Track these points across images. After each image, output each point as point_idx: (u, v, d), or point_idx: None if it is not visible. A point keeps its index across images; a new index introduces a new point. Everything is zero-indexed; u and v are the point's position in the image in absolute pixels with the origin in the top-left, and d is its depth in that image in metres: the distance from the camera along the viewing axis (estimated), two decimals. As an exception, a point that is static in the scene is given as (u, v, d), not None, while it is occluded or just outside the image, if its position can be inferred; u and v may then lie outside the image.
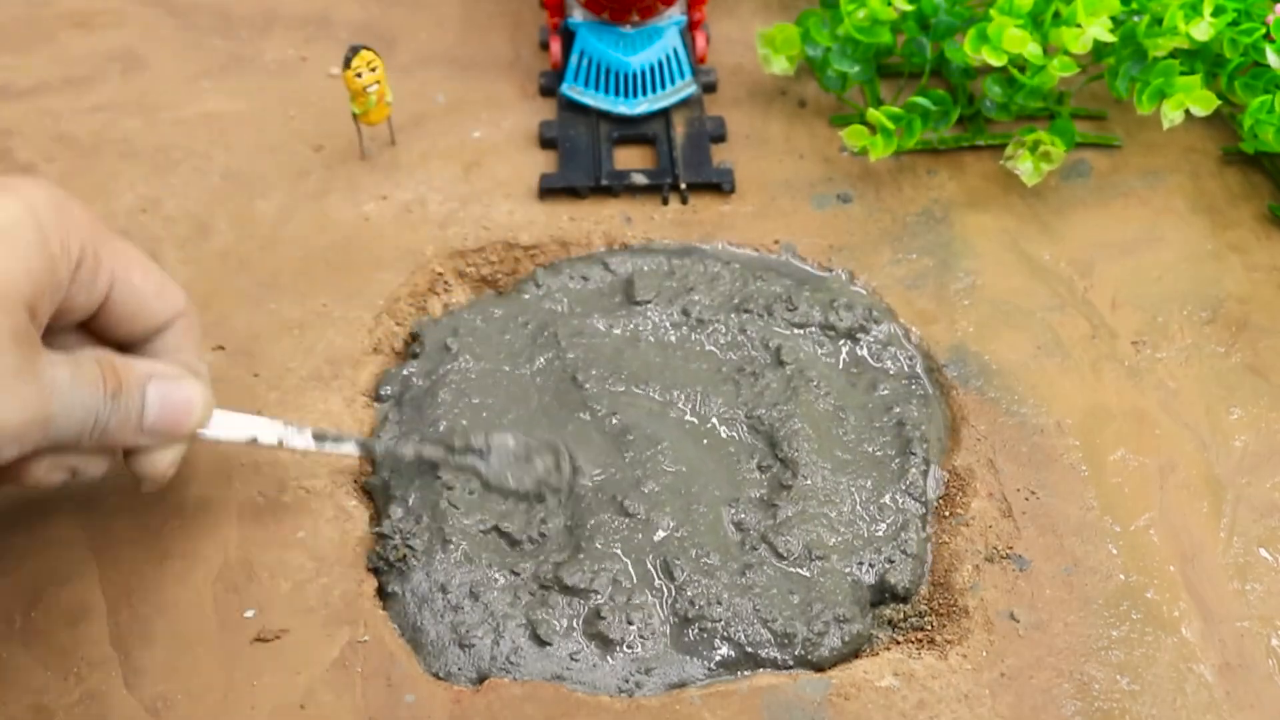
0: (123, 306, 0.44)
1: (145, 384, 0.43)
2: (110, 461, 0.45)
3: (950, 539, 0.50)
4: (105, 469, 0.45)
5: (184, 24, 0.75)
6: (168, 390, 0.44)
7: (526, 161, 0.66)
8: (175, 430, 0.44)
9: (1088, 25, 0.59)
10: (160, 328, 0.46)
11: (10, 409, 0.38)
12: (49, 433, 0.40)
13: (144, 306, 0.45)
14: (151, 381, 0.44)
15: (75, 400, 0.41)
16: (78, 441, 0.42)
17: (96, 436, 0.42)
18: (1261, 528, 0.50)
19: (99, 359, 0.42)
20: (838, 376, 0.56)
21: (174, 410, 0.44)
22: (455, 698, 0.45)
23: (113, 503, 0.51)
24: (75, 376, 0.41)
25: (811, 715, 0.44)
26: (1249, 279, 0.60)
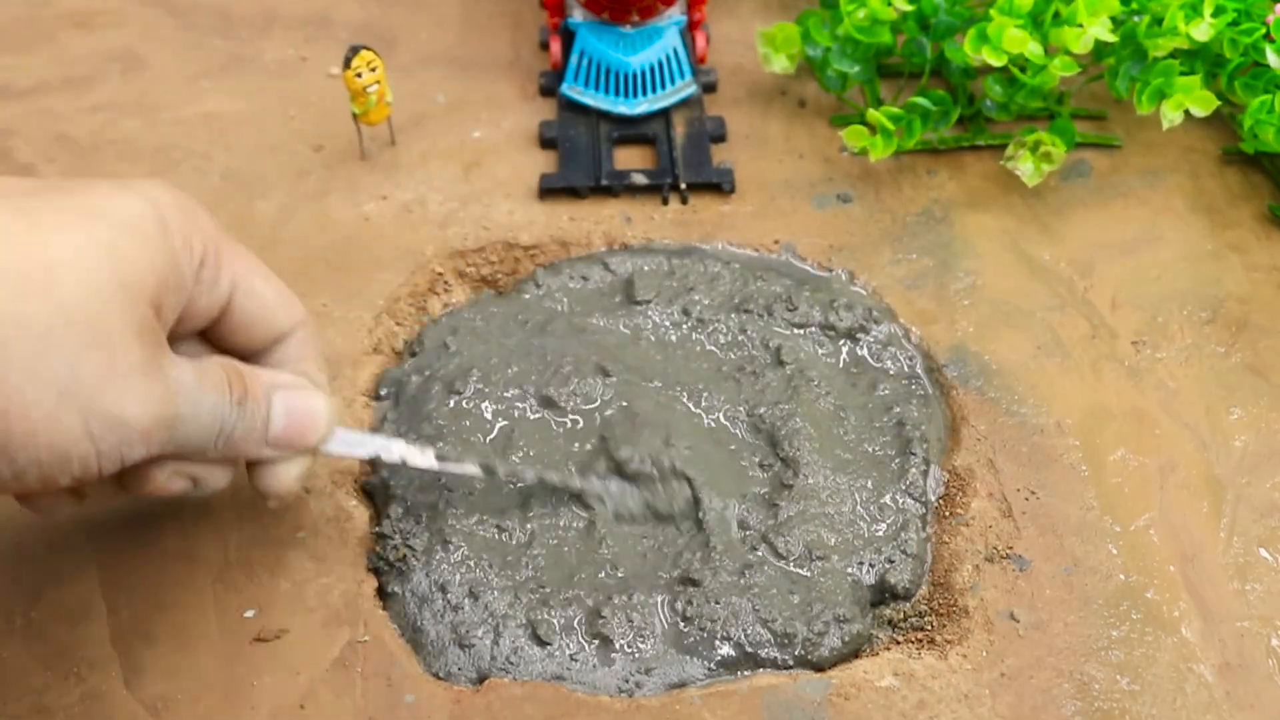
0: (244, 313, 0.43)
1: (271, 394, 0.42)
2: (232, 473, 0.44)
3: (950, 539, 0.50)
4: (227, 481, 0.43)
5: (184, 24, 0.75)
6: (293, 401, 0.43)
7: (526, 161, 0.66)
8: (300, 442, 0.43)
9: (1088, 25, 0.59)
10: (280, 337, 0.45)
11: (137, 406, 0.36)
12: (175, 435, 0.38)
13: (265, 313, 0.44)
14: (277, 392, 0.43)
15: (202, 404, 0.39)
16: (203, 450, 0.40)
17: (222, 445, 0.41)
18: (1261, 528, 0.50)
19: (224, 365, 0.41)
20: (838, 376, 0.56)
21: (300, 422, 0.43)
22: (455, 698, 0.45)
23: (113, 502, 0.50)
24: (201, 380, 0.39)
25: (811, 715, 0.44)
26: (1249, 279, 0.60)
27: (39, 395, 0.34)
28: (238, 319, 0.43)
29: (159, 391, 0.37)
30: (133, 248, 0.37)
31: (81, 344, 0.35)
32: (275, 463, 0.43)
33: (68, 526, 0.50)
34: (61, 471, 0.36)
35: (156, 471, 0.40)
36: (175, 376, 0.38)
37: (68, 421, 0.35)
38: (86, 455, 0.36)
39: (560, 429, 0.53)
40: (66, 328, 0.35)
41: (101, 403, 0.36)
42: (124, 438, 0.36)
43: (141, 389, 0.37)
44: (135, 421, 0.36)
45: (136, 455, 0.37)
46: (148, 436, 0.37)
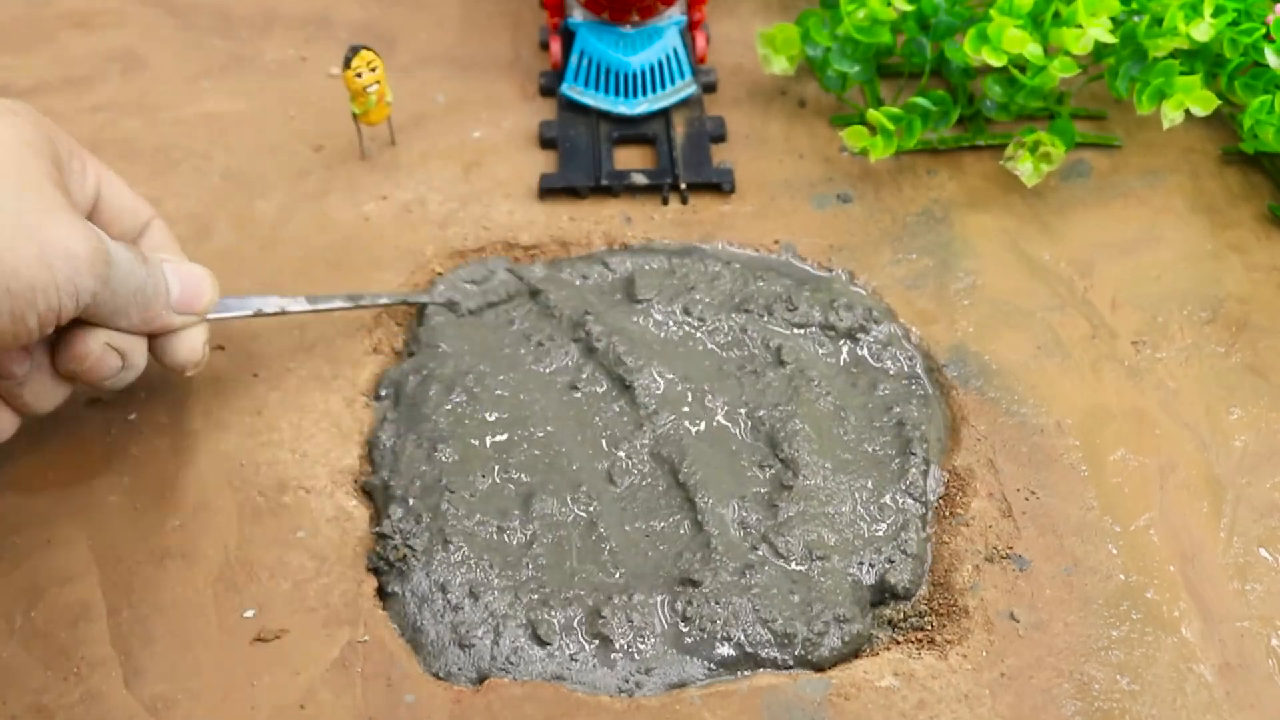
0: (111, 205, 0.48)
1: (161, 264, 0.47)
2: (145, 352, 0.48)
3: (950, 539, 0.50)
4: (144, 362, 0.48)
5: (184, 24, 0.75)
6: (179, 268, 0.48)
7: (526, 161, 0.66)
8: (197, 304, 0.48)
9: (1088, 26, 0.59)
10: (142, 228, 0.50)
11: (77, 239, 0.41)
12: (110, 275, 0.43)
13: (128, 206, 0.49)
14: (164, 262, 0.48)
15: (120, 252, 0.44)
16: (126, 308, 0.45)
17: (141, 306, 0.45)
18: (1261, 528, 0.50)
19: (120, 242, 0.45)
20: (838, 376, 0.56)
21: (192, 284, 0.48)
22: (455, 698, 0.45)
23: (112, 502, 0.51)
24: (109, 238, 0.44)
25: (811, 715, 0.44)
26: (1249, 279, 0.60)
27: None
28: (107, 213, 0.48)
29: (89, 230, 0.42)
30: (24, 121, 0.43)
31: (17, 187, 0.41)
32: (179, 332, 0.48)
33: (68, 526, 0.50)
34: (28, 305, 0.40)
35: (91, 341, 0.45)
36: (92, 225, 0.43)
37: (26, 251, 0.40)
38: (46, 285, 0.40)
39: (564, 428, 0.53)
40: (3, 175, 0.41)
41: (49, 234, 0.41)
42: (75, 267, 0.41)
43: (76, 225, 0.42)
44: (81, 252, 0.41)
45: (86, 290, 0.42)
46: (92, 268, 0.42)
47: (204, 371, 0.55)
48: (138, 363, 0.47)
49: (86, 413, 0.54)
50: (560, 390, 0.55)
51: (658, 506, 0.51)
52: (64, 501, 0.51)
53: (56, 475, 0.52)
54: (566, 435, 0.53)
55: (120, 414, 0.54)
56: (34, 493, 0.51)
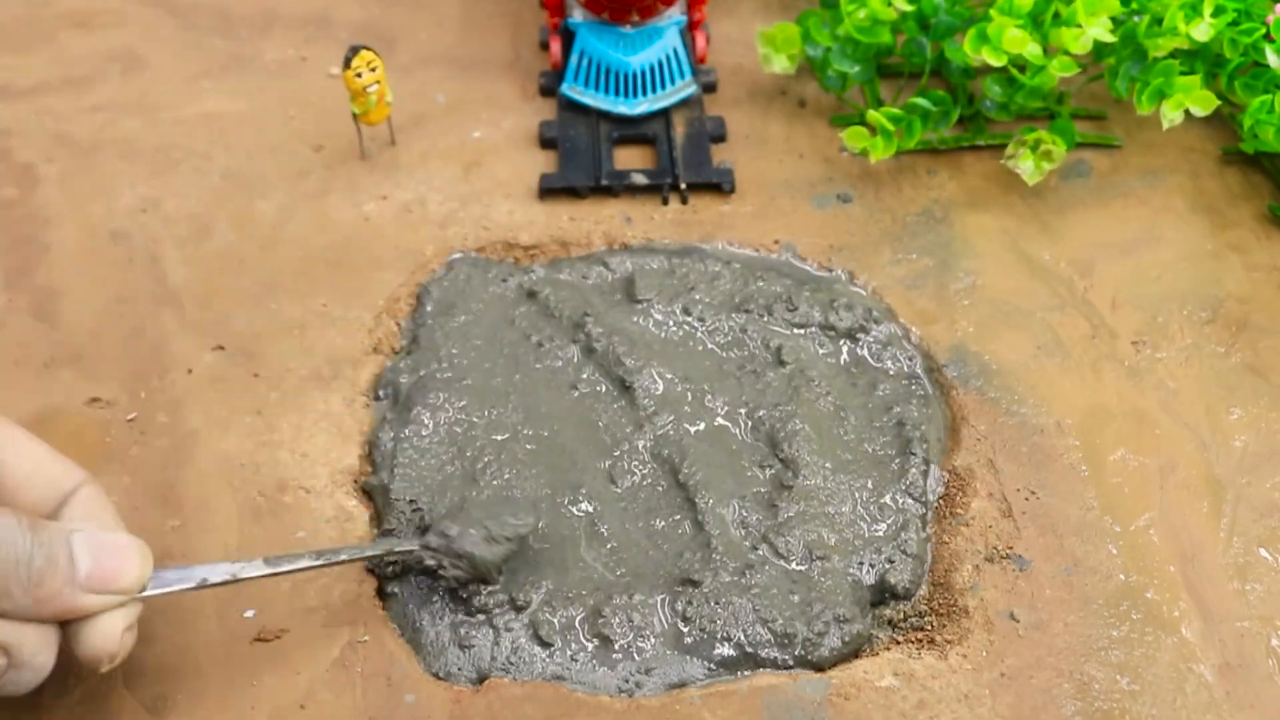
0: (18, 474, 0.41)
1: (68, 535, 0.39)
2: (54, 643, 0.39)
3: (950, 539, 0.50)
4: (47, 655, 0.39)
5: (184, 24, 0.75)
6: (96, 539, 0.40)
7: (526, 161, 0.66)
8: (116, 580, 0.39)
9: (1088, 25, 0.59)
10: (64, 498, 0.42)
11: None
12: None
13: (41, 472, 0.42)
14: (75, 534, 0.39)
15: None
16: (8, 591, 0.37)
17: (32, 586, 0.37)
18: (1261, 528, 0.50)
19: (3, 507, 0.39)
20: (838, 376, 0.56)
21: (109, 557, 0.40)
22: (455, 698, 0.45)
23: (112, 502, 0.50)
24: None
25: (811, 715, 0.44)
26: (1249, 279, 0.60)
27: None
28: (11, 482, 0.41)
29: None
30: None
31: None
32: (95, 617, 0.39)
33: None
34: None
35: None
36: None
37: None
38: None
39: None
40: None
41: None
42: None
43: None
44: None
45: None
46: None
47: (204, 371, 0.55)
48: (30, 659, 0.38)
49: (86, 412, 0.54)
50: (560, 391, 0.54)
51: (658, 506, 0.51)
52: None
53: (56, 475, 0.52)
54: (567, 435, 0.53)
55: (120, 414, 0.54)
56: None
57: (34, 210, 0.63)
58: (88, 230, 0.62)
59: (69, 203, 0.64)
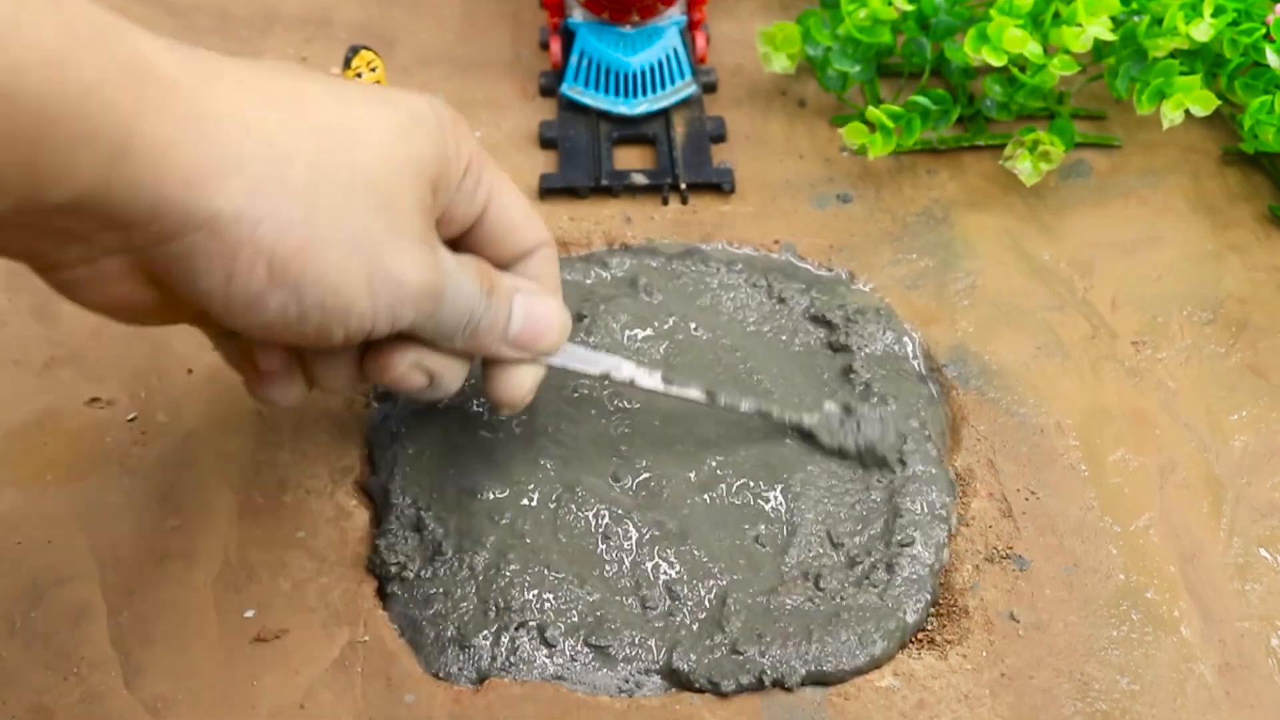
0: (495, 226, 0.45)
1: (512, 294, 0.44)
2: (465, 375, 0.45)
3: (950, 539, 0.50)
4: (458, 384, 0.45)
5: (184, 24, 0.75)
6: (532, 303, 0.45)
7: (526, 161, 0.66)
8: (536, 343, 0.45)
9: (1088, 25, 0.59)
10: (524, 254, 0.46)
11: (414, 269, 0.39)
12: (437, 310, 0.40)
13: (514, 229, 0.46)
14: (518, 293, 0.45)
15: (460, 286, 0.41)
16: (451, 335, 0.42)
17: (468, 334, 0.43)
18: (1261, 528, 0.50)
19: (476, 260, 0.43)
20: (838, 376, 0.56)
21: (536, 323, 0.45)
22: (455, 698, 0.45)
23: (113, 503, 0.51)
24: (461, 265, 0.42)
25: (811, 715, 0.44)
26: (1249, 279, 0.60)
27: (337, 240, 0.37)
28: (488, 232, 0.45)
29: (431, 262, 0.40)
30: (419, 133, 0.40)
31: (375, 204, 0.38)
32: (511, 367, 0.45)
33: (68, 526, 0.50)
34: (339, 322, 0.38)
35: (399, 358, 0.42)
36: (443, 254, 0.41)
37: (355, 270, 0.37)
38: (364, 309, 0.38)
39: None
40: (365, 187, 0.37)
41: (385, 259, 0.38)
42: (399, 297, 0.38)
43: (419, 255, 0.39)
44: (411, 283, 0.39)
45: (404, 320, 0.40)
46: (418, 302, 0.39)
47: (204, 371, 0.55)
48: (448, 386, 0.44)
49: (86, 412, 0.54)
50: (564, 391, 0.54)
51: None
52: (64, 501, 0.51)
53: (56, 475, 0.52)
54: (569, 434, 0.53)
55: (120, 414, 0.54)
56: (34, 493, 0.51)
57: (34, 210, 0.63)
58: (88, 230, 0.62)
59: (69, 203, 0.63)
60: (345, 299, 0.37)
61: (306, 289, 0.36)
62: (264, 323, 0.37)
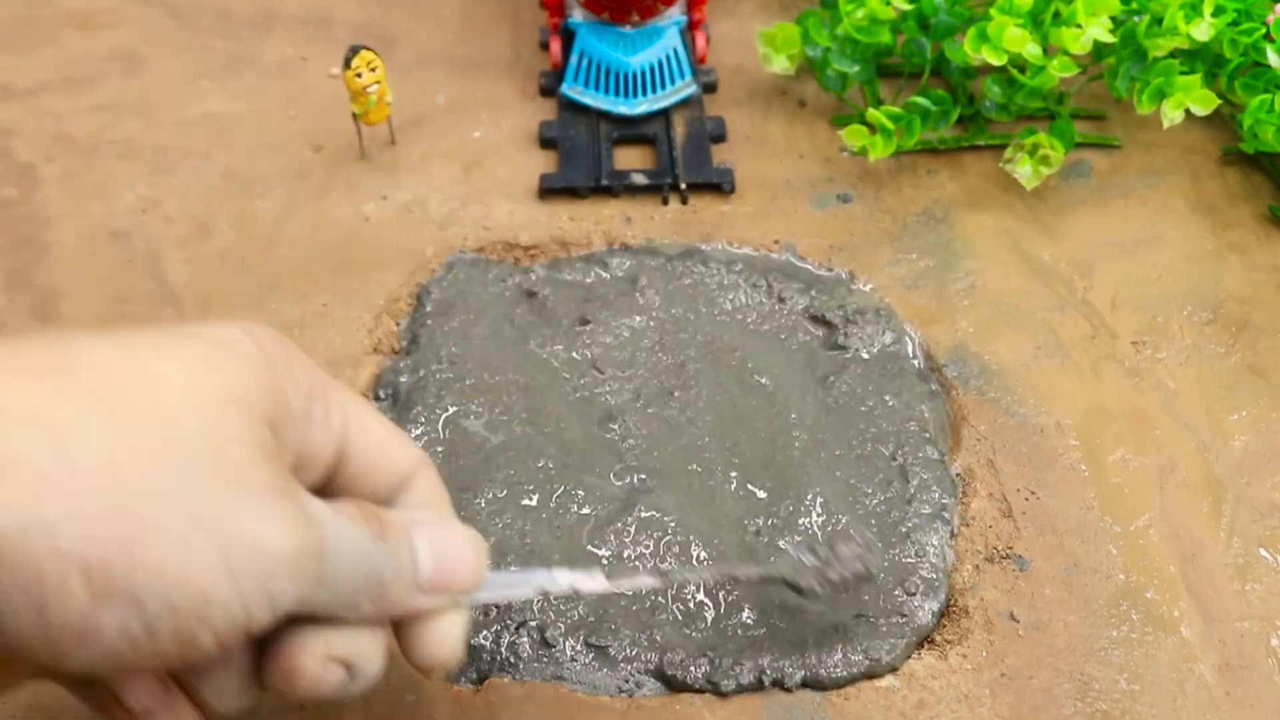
0: (363, 455, 0.37)
1: (410, 531, 0.36)
2: (384, 651, 0.36)
3: (950, 539, 0.50)
4: (381, 663, 0.36)
5: (184, 24, 0.75)
6: (436, 536, 0.37)
7: (526, 161, 0.66)
8: (457, 581, 0.37)
9: (1088, 25, 0.59)
10: (403, 481, 0.38)
11: (276, 530, 0.31)
12: (324, 573, 0.32)
13: (384, 453, 0.38)
14: (416, 528, 0.36)
15: (344, 536, 0.33)
16: (355, 602, 0.34)
17: (375, 596, 0.34)
18: (1261, 528, 0.50)
19: (353, 501, 0.35)
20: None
21: (451, 558, 0.37)
22: (455, 698, 0.45)
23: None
24: (337, 511, 0.34)
25: (811, 715, 0.44)
26: (1249, 279, 0.60)
27: (164, 519, 0.29)
28: (356, 464, 0.37)
29: (297, 514, 0.32)
30: (235, 365, 0.32)
31: (201, 463, 0.30)
32: (430, 621, 0.37)
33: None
34: (201, 623, 0.30)
35: (306, 656, 0.34)
36: (311, 504, 0.33)
37: (200, 548, 0.29)
38: (227, 597, 0.30)
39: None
40: (182, 447, 0.30)
41: (235, 527, 0.30)
42: (267, 569, 0.30)
43: (277, 511, 0.31)
44: (277, 547, 0.30)
45: (286, 597, 0.31)
46: (295, 568, 0.31)
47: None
48: (369, 670, 0.35)
49: (86, 413, 0.54)
50: (564, 391, 0.54)
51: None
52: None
53: (56, 475, 0.52)
54: (569, 434, 0.53)
55: (120, 414, 0.54)
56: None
57: (34, 210, 0.63)
58: (88, 230, 0.62)
59: (69, 203, 0.64)
60: (198, 591, 0.29)
61: (144, 593, 0.28)
62: (107, 652, 0.29)
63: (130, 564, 0.28)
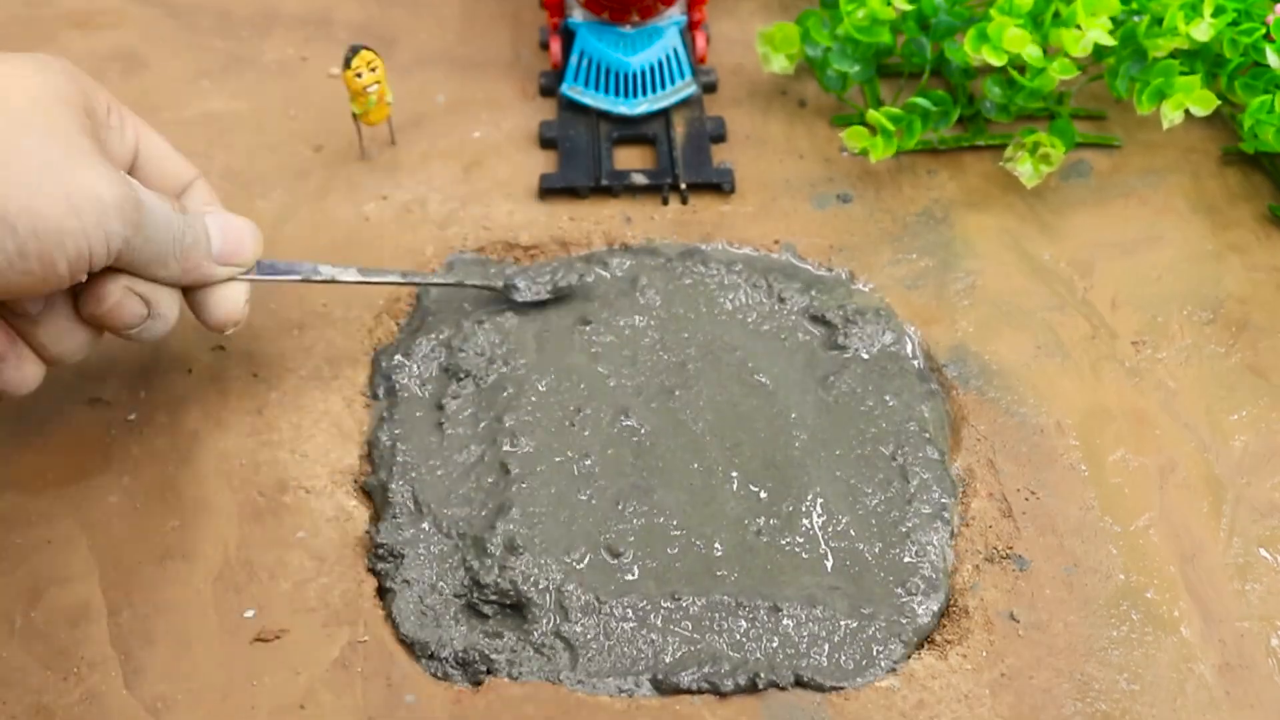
0: (151, 162, 0.48)
1: (203, 216, 0.47)
2: (178, 305, 0.47)
3: (951, 539, 0.50)
4: (174, 314, 0.47)
5: (184, 24, 0.75)
6: (223, 219, 0.48)
7: (526, 161, 0.66)
8: (239, 254, 0.48)
9: (1088, 28, 0.59)
10: (184, 187, 0.50)
11: (105, 184, 0.41)
12: (143, 224, 0.43)
13: (170, 163, 0.49)
14: (207, 214, 0.47)
15: (155, 202, 0.44)
16: (163, 257, 0.44)
17: (180, 254, 0.45)
18: (1261, 528, 0.50)
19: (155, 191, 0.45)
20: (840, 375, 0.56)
21: (235, 235, 0.48)
22: (455, 698, 0.45)
23: (113, 503, 0.51)
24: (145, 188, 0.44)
25: (811, 715, 0.44)
26: (1249, 279, 0.60)
27: (26, 173, 0.40)
28: (147, 168, 0.48)
29: (118, 176, 0.42)
30: (52, 72, 0.43)
31: (45, 134, 0.41)
32: (220, 287, 0.48)
33: (68, 526, 0.50)
34: (58, 249, 0.40)
35: (111, 284, 0.44)
36: (125, 175, 0.43)
37: (54, 194, 0.40)
38: (74, 228, 0.40)
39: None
40: (29, 123, 0.41)
41: (75, 179, 0.41)
42: (102, 210, 0.41)
43: (104, 171, 0.42)
44: (108, 195, 0.41)
45: (116, 237, 0.42)
46: (121, 212, 0.42)
47: (204, 371, 0.55)
48: (165, 313, 0.46)
49: (86, 412, 0.54)
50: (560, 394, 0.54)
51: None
52: (64, 501, 0.51)
53: (56, 475, 0.52)
54: (572, 432, 0.53)
55: (120, 414, 0.54)
56: (34, 493, 0.51)
57: (34, 210, 0.63)
58: (88, 230, 0.62)
59: (69, 203, 0.63)
60: (55, 224, 0.40)
61: (16, 221, 0.39)
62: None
63: (4, 203, 0.39)
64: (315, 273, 0.52)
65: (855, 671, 0.45)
